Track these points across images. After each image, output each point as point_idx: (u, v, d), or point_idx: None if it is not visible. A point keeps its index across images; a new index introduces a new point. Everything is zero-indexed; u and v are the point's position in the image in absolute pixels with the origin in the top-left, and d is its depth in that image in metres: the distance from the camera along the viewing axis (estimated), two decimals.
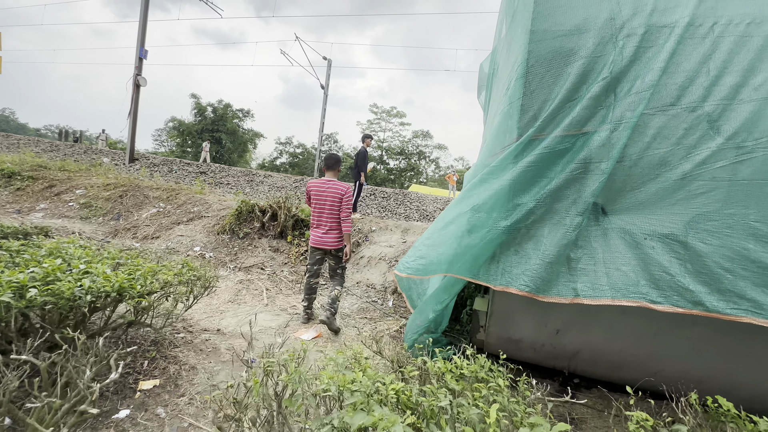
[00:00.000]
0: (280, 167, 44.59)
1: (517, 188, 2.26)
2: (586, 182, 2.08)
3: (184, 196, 7.89)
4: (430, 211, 9.64)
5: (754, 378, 2.26)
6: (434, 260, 2.54)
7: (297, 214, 6.43)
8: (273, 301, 4.36)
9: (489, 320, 2.82)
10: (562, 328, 2.63)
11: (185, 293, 2.54)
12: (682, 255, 2.04)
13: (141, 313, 2.29)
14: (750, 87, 1.88)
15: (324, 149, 33.95)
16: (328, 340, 3.52)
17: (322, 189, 3.66)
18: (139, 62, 11.50)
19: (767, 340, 2.11)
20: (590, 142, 2.08)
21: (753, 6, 1.92)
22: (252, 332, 3.52)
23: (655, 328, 2.38)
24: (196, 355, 2.88)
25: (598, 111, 2.08)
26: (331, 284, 3.90)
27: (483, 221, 2.30)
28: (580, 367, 2.81)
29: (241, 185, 10.64)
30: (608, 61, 2.08)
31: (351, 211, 3.76)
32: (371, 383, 1.36)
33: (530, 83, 2.26)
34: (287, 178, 11.53)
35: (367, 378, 1.41)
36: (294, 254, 5.97)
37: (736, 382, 2.31)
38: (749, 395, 2.25)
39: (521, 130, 2.28)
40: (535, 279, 2.24)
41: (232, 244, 6.17)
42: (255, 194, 9.85)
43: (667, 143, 1.98)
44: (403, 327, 3.97)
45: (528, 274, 2.25)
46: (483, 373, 1.63)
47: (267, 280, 5.07)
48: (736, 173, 1.90)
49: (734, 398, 2.04)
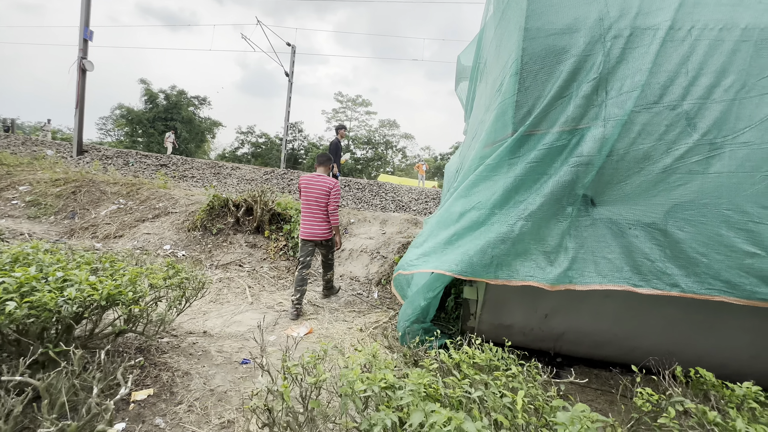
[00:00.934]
0: (242, 158, 42.78)
1: (518, 185, 2.34)
2: (579, 176, 2.21)
3: (146, 191, 7.39)
4: (405, 201, 9.73)
5: (717, 349, 2.54)
6: (436, 256, 2.58)
7: (273, 208, 6.25)
8: (257, 299, 4.25)
9: (482, 308, 2.94)
10: (551, 312, 2.80)
11: (178, 297, 2.41)
12: (662, 242, 2.23)
13: (133, 321, 2.15)
14: (721, 88, 2.06)
15: (290, 139, 32.94)
16: (321, 337, 3.50)
17: (311, 183, 3.86)
18: (83, 44, 10.45)
19: (729, 317, 2.38)
20: (584, 139, 2.20)
21: (724, 12, 2.09)
22: (241, 332, 3.43)
23: (634, 309, 2.59)
24: (187, 360, 2.76)
25: (590, 108, 2.20)
26: (322, 269, 4.32)
27: (485, 218, 2.37)
28: (565, 347, 3.01)
29: (207, 178, 10.12)
30: (597, 61, 2.19)
31: (338, 205, 3.95)
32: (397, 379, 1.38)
33: (524, 80, 2.33)
34: (256, 170, 11.10)
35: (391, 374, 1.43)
36: (273, 249, 5.82)
37: (701, 354, 2.59)
38: (712, 364, 2.53)
39: (516, 125, 2.36)
40: (537, 269, 2.35)
41: (206, 241, 5.90)
42: (223, 187, 9.42)
43: (650, 139, 2.14)
44: (392, 318, 4.03)
45: (529, 266, 2.36)
46: (496, 360, 1.71)
47: (248, 278, 4.92)
48: (708, 167, 2.09)
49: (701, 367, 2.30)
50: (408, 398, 1.06)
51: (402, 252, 5.62)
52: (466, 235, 2.43)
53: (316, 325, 3.73)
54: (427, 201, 9.77)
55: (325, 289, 4.46)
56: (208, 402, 2.33)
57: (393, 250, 5.76)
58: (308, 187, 3.85)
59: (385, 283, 5.14)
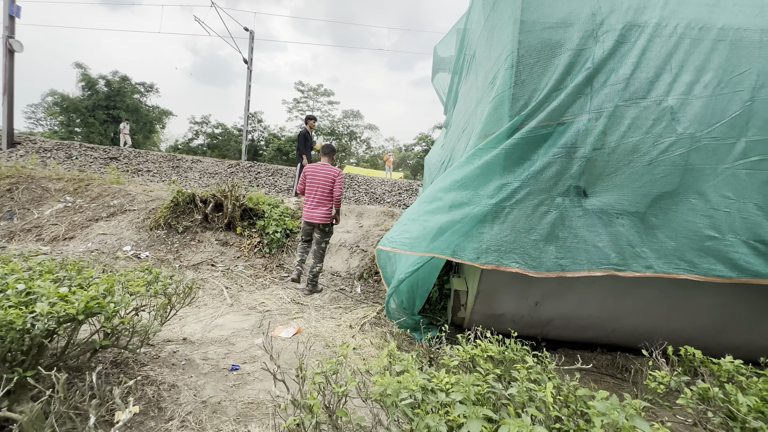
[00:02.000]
0: (198, 149, 40.37)
1: (502, 168, 2.37)
2: (567, 166, 2.28)
3: (97, 188, 6.73)
4: (379, 194, 9.66)
5: (688, 326, 2.77)
6: (419, 236, 2.56)
7: (245, 204, 5.94)
8: (237, 300, 4.03)
9: (476, 299, 2.98)
10: (541, 300, 2.90)
11: (163, 305, 2.20)
12: (641, 229, 2.38)
13: (115, 335, 1.93)
14: (701, 84, 2.21)
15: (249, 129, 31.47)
16: (310, 336, 3.39)
17: (316, 172, 4.39)
18: (9, 21, 9.21)
19: (700, 297, 2.59)
20: (570, 129, 2.26)
21: (704, 12, 2.23)
22: (225, 336, 3.24)
23: (615, 293, 2.75)
24: (171, 371, 2.56)
25: (577, 100, 2.26)
26: (312, 260, 4.56)
27: (469, 198, 2.38)
28: (552, 332, 3.15)
29: (165, 172, 9.41)
30: (590, 55, 2.26)
31: (342, 191, 4.50)
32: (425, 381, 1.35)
33: (520, 73, 2.35)
34: (220, 163, 10.48)
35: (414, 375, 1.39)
36: (247, 247, 5.55)
37: (674, 330, 2.81)
38: (682, 340, 2.76)
39: (511, 117, 2.38)
40: (525, 257, 2.42)
41: (172, 240, 5.50)
42: (184, 182, 8.82)
43: (639, 132, 2.25)
44: (380, 312, 4.00)
45: (518, 252, 2.42)
46: (511, 353, 1.73)
47: (223, 278, 4.66)
48: (688, 159, 2.24)
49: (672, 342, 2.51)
50: (461, 408, 1.02)
51: None
52: (455, 219, 2.44)
53: (303, 324, 3.61)
54: (400, 193, 9.78)
55: (310, 284, 4.51)
56: (202, 415, 2.17)
57: (372, 243, 5.71)
58: (315, 175, 4.36)
59: (367, 277, 5.10)
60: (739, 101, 2.19)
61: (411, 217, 2.64)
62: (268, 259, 5.39)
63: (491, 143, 2.36)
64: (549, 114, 2.26)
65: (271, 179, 9.70)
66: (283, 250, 5.67)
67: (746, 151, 2.21)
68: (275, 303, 4.04)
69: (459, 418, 1.00)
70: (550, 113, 2.26)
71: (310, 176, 4.38)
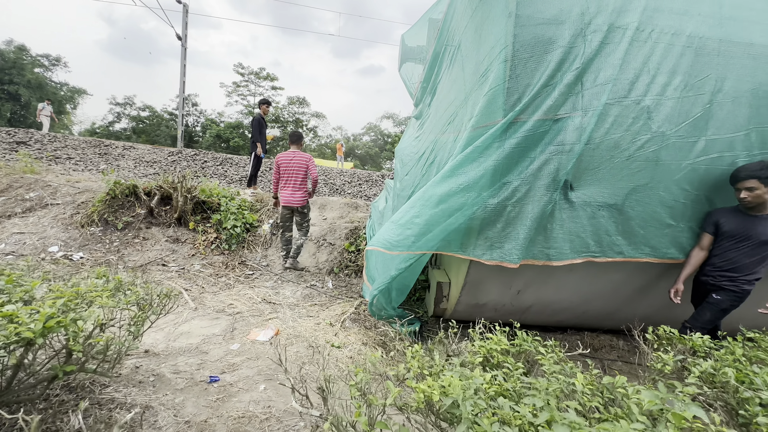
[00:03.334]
0: (120, 134, 36.07)
1: (504, 168, 2.41)
2: (560, 162, 2.37)
3: (5, 178, 5.68)
4: (339, 185, 9.39)
5: (649, 307, 3.08)
6: (423, 236, 2.53)
7: (198, 196, 5.41)
8: (201, 303, 3.67)
9: (462, 290, 3.02)
10: (523, 288, 3.03)
11: (139, 318, 1.88)
12: (618, 219, 2.57)
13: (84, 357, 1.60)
14: (672, 86, 2.41)
15: (185, 113, 28.71)
16: (290, 337, 3.20)
17: (289, 159, 4.63)
18: None
19: (663, 282, 2.88)
20: (565, 126, 2.35)
21: (674, 20, 2.42)
22: (194, 344, 2.92)
23: (588, 279, 2.96)
24: (140, 390, 2.23)
25: (571, 98, 2.35)
26: (298, 235, 4.89)
27: (473, 200, 2.39)
28: (529, 317, 3.32)
29: (92, 160, 8.20)
30: (579, 53, 2.34)
31: (316, 171, 4.78)
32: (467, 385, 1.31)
33: (515, 67, 2.36)
34: (158, 150, 9.39)
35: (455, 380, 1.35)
36: (202, 243, 5.07)
37: (636, 312, 3.11)
38: (641, 319, 3.07)
39: (506, 112, 2.40)
40: (522, 250, 2.49)
41: (110, 239, 4.83)
42: (117, 171, 7.78)
43: (620, 129, 2.40)
44: (358, 308, 3.90)
45: (518, 247, 2.49)
46: (529, 345, 1.76)
47: (179, 279, 4.20)
48: (659, 155, 2.45)
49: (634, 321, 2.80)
50: (546, 415, 0.99)
51: (351, 238, 5.46)
52: (452, 214, 2.44)
53: (280, 325, 3.39)
54: (360, 184, 9.62)
55: (293, 258, 4.78)
56: None
57: (340, 236, 5.56)
58: (288, 163, 4.61)
59: (338, 272, 4.95)
60: (701, 103, 2.43)
61: (410, 218, 2.58)
62: (228, 256, 4.98)
63: (489, 139, 2.36)
64: (543, 110, 2.31)
65: (221, 169, 8.94)
66: (244, 245, 5.28)
67: (705, 149, 2.47)
68: (245, 304, 3.75)
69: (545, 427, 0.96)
70: (543, 109, 2.32)
71: (284, 164, 4.61)
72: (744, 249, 2.48)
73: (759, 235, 2.43)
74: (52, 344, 1.56)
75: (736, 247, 2.50)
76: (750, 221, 2.45)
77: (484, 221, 2.48)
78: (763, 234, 2.42)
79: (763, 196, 2.35)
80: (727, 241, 2.52)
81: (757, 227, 2.43)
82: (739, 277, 2.51)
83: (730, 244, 2.52)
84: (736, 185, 2.43)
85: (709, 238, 2.59)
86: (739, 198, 2.41)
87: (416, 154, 3.96)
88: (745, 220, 2.47)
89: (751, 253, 2.47)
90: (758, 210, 2.44)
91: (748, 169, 2.35)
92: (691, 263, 2.65)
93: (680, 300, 2.66)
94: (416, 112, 4.63)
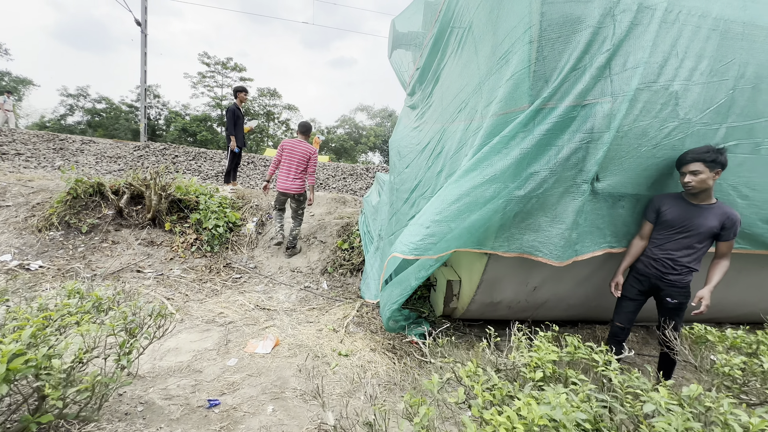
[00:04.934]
0: (74, 128, 33.44)
1: (531, 157, 2.23)
2: (590, 151, 2.22)
3: None
4: (323, 179, 9.00)
5: None
6: (446, 236, 2.33)
7: (173, 194, 4.94)
8: (187, 313, 3.30)
9: (477, 288, 2.86)
10: (539, 284, 2.91)
11: (130, 346, 1.54)
12: (637, 209, 2.49)
13: (63, 402, 1.27)
14: (698, 71, 2.31)
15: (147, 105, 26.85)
16: (292, 347, 2.92)
17: (294, 146, 4.59)
18: None
19: None
20: (594, 113, 2.20)
21: (701, 1, 2.31)
22: (185, 362, 2.60)
23: (605, 271, 2.87)
24: (128, 425, 1.90)
25: (600, 83, 2.20)
26: (292, 223, 4.85)
27: (498, 191, 2.20)
28: (543, 313, 3.21)
29: (46, 156, 7.36)
30: (609, 34, 2.19)
31: (315, 168, 4.73)
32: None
33: (543, 48, 2.18)
34: (122, 145, 8.59)
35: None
36: (181, 246, 4.63)
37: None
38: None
39: (533, 97, 2.22)
40: (550, 246, 2.34)
41: (73, 244, 4.31)
42: (77, 168, 7.04)
43: (648, 116, 2.28)
44: (360, 310, 3.67)
45: (541, 241, 2.34)
46: (582, 353, 1.60)
47: (158, 287, 3.79)
48: (684, 144, 2.36)
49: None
50: None
51: (344, 235, 5.18)
52: (478, 209, 2.24)
53: (279, 334, 3.10)
54: (345, 177, 9.26)
55: (290, 247, 4.79)
56: None
57: (331, 233, 5.27)
58: (292, 149, 4.56)
59: (332, 271, 4.68)
60: (725, 89, 2.35)
61: (434, 218, 2.35)
62: (211, 259, 4.58)
63: (517, 128, 2.18)
64: (573, 95, 2.15)
65: (194, 164, 8.32)
66: (228, 246, 4.89)
67: (726, 136, 2.40)
68: (237, 312, 3.42)
69: None
70: (574, 94, 2.15)
71: (288, 150, 4.57)
72: (681, 240, 2.30)
73: (698, 226, 2.23)
74: (18, 388, 1.23)
75: (673, 238, 2.32)
76: (692, 211, 2.26)
77: (510, 214, 2.30)
78: (702, 226, 2.23)
79: (707, 182, 2.16)
80: (667, 230, 2.34)
81: (698, 218, 2.24)
82: (673, 270, 2.32)
83: (669, 234, 2.34)
84: (681, 169, 2.25)
85: (650, 227, 2.43)
86: (683, 183, 2.24)
87: (418, 145, 3.74)
88: (687, 209, 2.28)
89: (688, 245, 2.28)
90: (702, 198, 2.25)
91: (694, 152, 2.19)
92: (630, 253, 2.50)
93: (619, 293, 2.59)
94: (411, 102, 4.39)
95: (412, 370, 2.81)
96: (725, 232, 2.22)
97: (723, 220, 2.21)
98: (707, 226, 2.22)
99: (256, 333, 3.08)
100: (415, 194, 3.49)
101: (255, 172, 8.79)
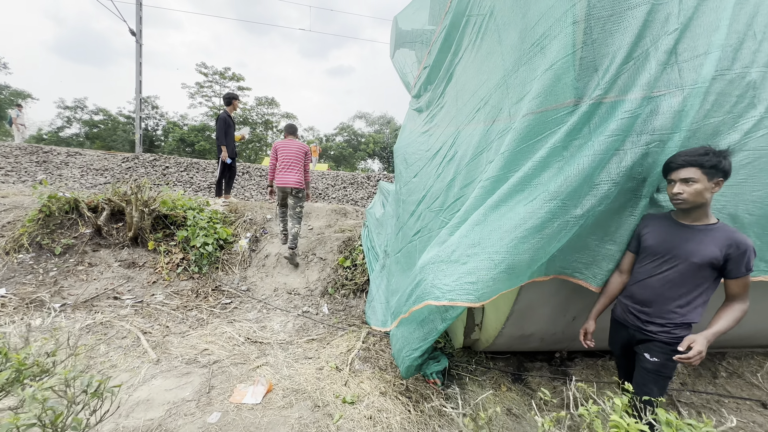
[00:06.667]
0: (72, 140, 33.26)
1: (592, 170, 1.77)
2: (657, 157, 1.78)
3: None
4: (321, 188, 8.57)
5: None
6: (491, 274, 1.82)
7: (158, 210, 4.50)
8: (165, 351, 2.83)
9: (507, 319, 2.40)
10: (579, 314, 2.46)
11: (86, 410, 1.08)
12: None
13: None
14: None
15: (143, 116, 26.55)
16: (289, 391, 2.45)
17: (287, 145, 4.54)
18: None
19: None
20: (658, 109, 1.76)
21: None
22: (157, 418, 2.13)
23: None
24: None
25: (665, 71, 1.77)
26: (290, 223, 4.59)
27: (557, 212, 1.75)
28: (578, 345, 2.74)
29: (27, 169, 6.94)
30: (674, 11, 1.77)
31: (309, 167, 4.70)
32: None
33: (591, 30, 1.76)
34: (110, 157, 8.18)
35: None
36: (166, 267, 4.18)
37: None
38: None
39: (580, 91, 1.80)
40: (594, 269, 1.95)
41: (44, 267, 3.86)
42: (59, 183, 6.62)
43: (721, 111, 1.85)
44: (366, 340, 3.21)
45: (585, 261, 1.95)
46: (684, 425, 1.15)
47: (136, 317, 3.33)
48: (761, 144, 1.92)
49: None
50: None
51: (345, 251, 4.73)
52: (531, 237, 1.78)
53: (272, 375, 2.64)
54: (345, 187, 8.82)
55: (291, 247, 4.52)
56: None
57: (332, 249, 4.82)
58: (286, 149, 4.53)
59: (333, 292, 4.22)
60: None
61: (468, 252, 1.88)
62: (198, 281, 4.13)
63: (569, 135, 1.75)
64: (639, 86, 1.72)
65: (185, 175, 7.89)
66: (218, 266, 4.44)
67: None
68: (224, 347, 2.95)
69: None
70: (640, 85, 1.72)
71: (283, 149, 4.53)
72: (666, 274, 1.64)
73: (689, 254, 1.58)
74: None
75: (656, 271, 1.68)
76: (680, 233, 1.64)
77: (564, 239, 1.83)
78: (694, 254, 1.57)
79: (703, 194, 1.56)
80: (649, 260, 1.71)
81: (688, 242, 1.60)
82: (657, 318, 1.66)
83: (651, 267, 1.70)
84: (668, 176, 1.66)
85: (631, 257, 1.82)
86: (672, 194, 1.64)
87: (427, 151, 3.31)
88: (673, 231, 1.66)
89: (678, 281, 1.61)
90: (695, 217, 1.63)
91: (688, 154, 1.60)
92: (606, 292, 1.90)
93: (592, 343, 2.03)
94: (418, 104, 3.97)
95: (432, 420, 2.34)
96: (733, 265, 1.54)
97: (726, 247, 1.54)
98: (702, 255, 1.55)
99: (245, 375, 2.62)
100: (422, 207, 3.05)
101: (250, 183, 8.35)
